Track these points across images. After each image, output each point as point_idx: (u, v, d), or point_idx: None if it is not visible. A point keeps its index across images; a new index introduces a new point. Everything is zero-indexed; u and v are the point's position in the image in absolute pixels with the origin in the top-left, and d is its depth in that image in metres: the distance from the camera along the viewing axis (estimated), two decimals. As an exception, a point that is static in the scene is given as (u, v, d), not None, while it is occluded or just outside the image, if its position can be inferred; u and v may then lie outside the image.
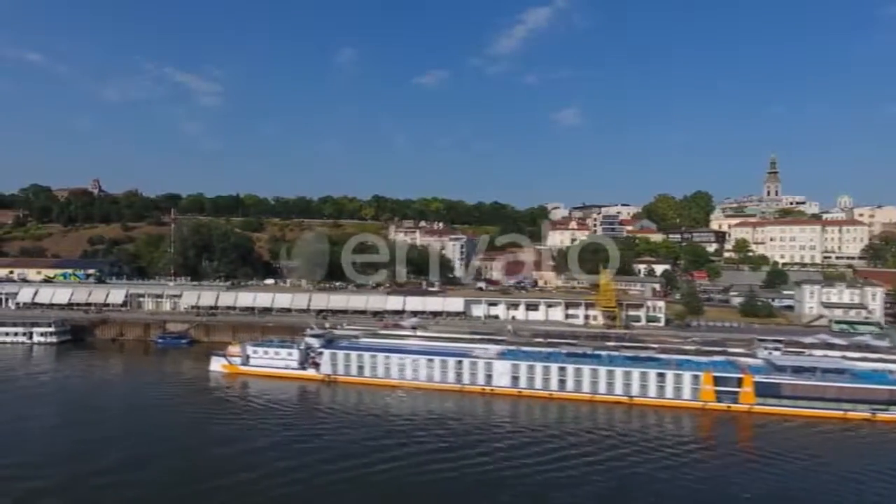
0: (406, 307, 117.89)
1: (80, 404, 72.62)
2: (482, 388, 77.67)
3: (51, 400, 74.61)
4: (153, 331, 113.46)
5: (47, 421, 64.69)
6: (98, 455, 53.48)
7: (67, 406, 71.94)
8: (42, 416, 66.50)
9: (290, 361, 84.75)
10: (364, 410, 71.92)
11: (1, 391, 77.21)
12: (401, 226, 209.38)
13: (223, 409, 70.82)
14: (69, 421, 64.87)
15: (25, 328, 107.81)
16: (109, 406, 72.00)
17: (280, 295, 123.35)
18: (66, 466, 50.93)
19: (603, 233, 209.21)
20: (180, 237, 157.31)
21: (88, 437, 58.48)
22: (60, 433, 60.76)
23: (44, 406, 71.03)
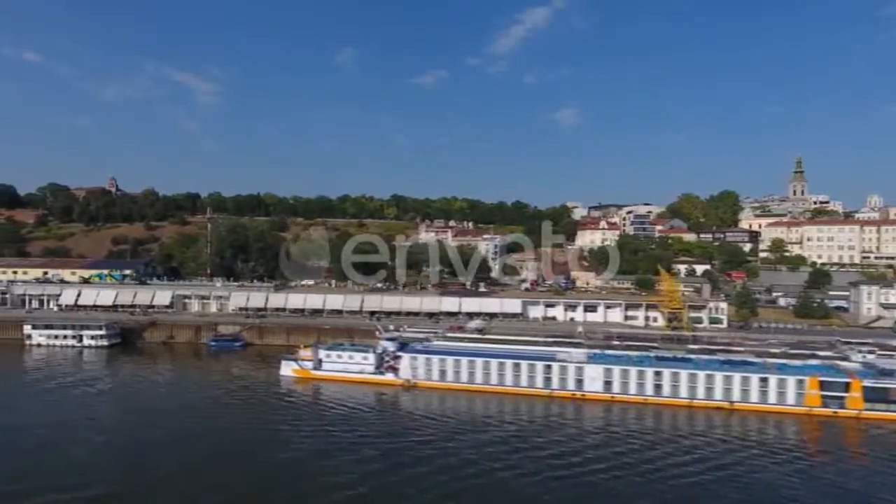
0: (462, 308, 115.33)
1: (150, 413, 68.25)
2: (572, 393, 75.15)
3: (118, 408, 70.94)
4: (204, 333, 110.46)
5: (120, 430, 61.12)
6: (185, 470, 50.52)
7: (137, 415, 67.63)
8: (115, 425, 63.26)
9: (366, 366, 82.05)
10: (456, 417, 69.28)
11: (63, 397, 74.41)
12: (431, 226, 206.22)
13: (303, 417, 67.78)
14: (140, 432, 60.71)
15: (75, 331, 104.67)
16: (179, 414, 67.91)
17: (331, 296, 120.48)
18: (153, 483, 48.25)
19: (634, 232, 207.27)
20: (217, 237, 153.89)
21: (169, 450, 55.25)
22: (136, 445, 56.98)
23: (113, 413, 68.30)
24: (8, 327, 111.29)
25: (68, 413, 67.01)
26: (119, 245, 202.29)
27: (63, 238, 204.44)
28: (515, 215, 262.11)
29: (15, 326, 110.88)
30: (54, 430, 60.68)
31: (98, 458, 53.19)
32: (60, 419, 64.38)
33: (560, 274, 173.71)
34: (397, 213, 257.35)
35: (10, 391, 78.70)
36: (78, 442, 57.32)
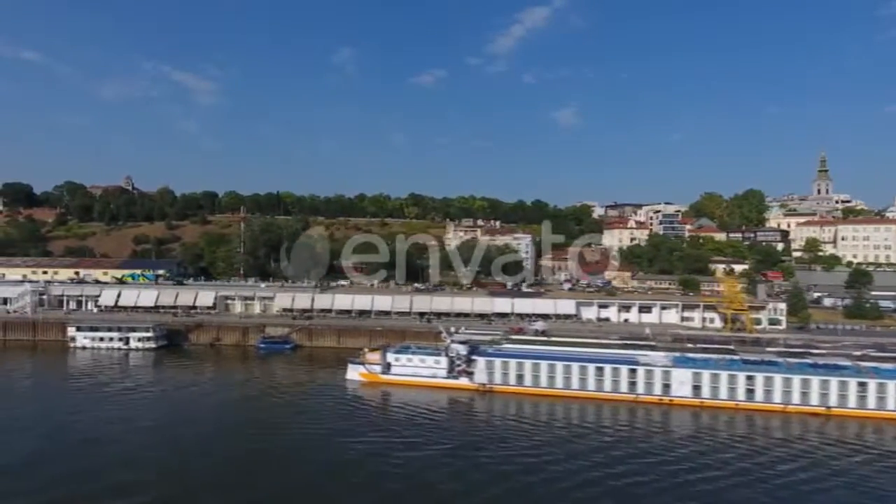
0: (514, 310, 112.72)
1: (215, 423, 64.43)
2: (659, 397, 72.60)
3: (178, 416, 66.32)
4: (251, 335, 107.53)
5: (186, 442, 57.10)
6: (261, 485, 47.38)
7: (200, 424, 63.37)
8: (178, 435, 59.18)
9: (438, 369, 79.28)
10: (542, 424, 66.56)
11: (119, 402, 71.23)
12: (459, 225, 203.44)
13: (381, 425, 64.43)
14: (210, 444, 56.56)
15: (122, 333, 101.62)
16: (248, 424, 63.96)
17: (380, 297, 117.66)
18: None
19: (663, 232, 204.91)
20: (251, 236, 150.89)
21: (242, 466, 51.58)
22: (206, 458, 53.01)
23: (174, 421, 63.83)
24: (49, 329, 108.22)
25: (125, 419, 63.76)
26: (141, 244, 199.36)
27: (84, 237, 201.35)
28: (536, 214, 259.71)
29: (57, 328, 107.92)
30: (110, 435, 57.91)
31: (171, 474, 49.27)
32: (115, 425, 61.38)
33: (593, 273, 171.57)
34: (418, 213, 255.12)
35: (59, 396, 74.67)
36: (144, 448, 54.83)
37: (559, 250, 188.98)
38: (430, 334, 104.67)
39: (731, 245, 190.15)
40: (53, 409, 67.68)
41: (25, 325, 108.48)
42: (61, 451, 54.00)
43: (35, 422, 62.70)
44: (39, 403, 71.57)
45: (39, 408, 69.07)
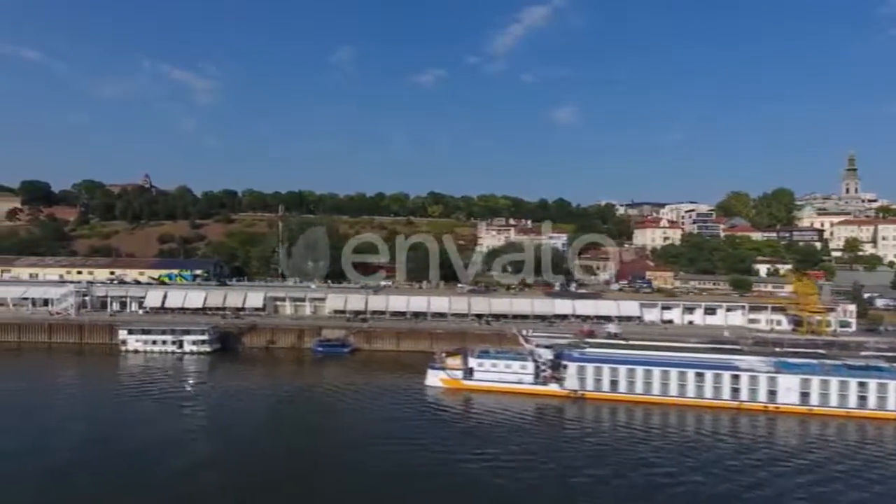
0: (576, 311, 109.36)
1: (293, 431, 61.26)
2: (764, 405, 69.40)
3: (256, 427, 62.73)
4: (307, 338, 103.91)
5: (270, 457, 53.48)
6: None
7: (277, 436, 59.62)
8: (258, 449, 55.70)
9: (525, 375, 75.89)
10: (650, 433, 63.34)
11: (181, 412, 67.45)
12: (491, 224, 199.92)
13: (475, 434, 61.13)
14: (292, 461, 52.88)
15: (176, 336, 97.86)
16: (331, 433, 61.13)
17: (436, 298, 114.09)
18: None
19: (697, 231, 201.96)
20: (289, 236, 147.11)
21: (333, 478, 48.83)
22: (286, 476, 49.65)
23: (249, 435, 59.98)
24: (97, 331, 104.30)
25: (191, 430, 61.14)
26: (166, 244, 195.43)
27: (107, 236, 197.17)
28: (560, 213, 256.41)
29: (105, 330, 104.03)
30: (177, 449, 54.60)
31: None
32: (182, 436, 58.43)
33: (634, 273, 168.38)
34: (442, 211, 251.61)
35: (118, 403, 70.55)
36: (216, 468, 51.15)
37: (594, 249, 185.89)
38: (492, 337, 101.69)
39: (769, 245, 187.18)
40: (115, 419, 64.48)
41: (71, 327, 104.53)
42: (130, 465, 51.05)
43: (101, 431, 59.80)
44: (98, 411, 67.83)
45: (100, 415, 65.89)
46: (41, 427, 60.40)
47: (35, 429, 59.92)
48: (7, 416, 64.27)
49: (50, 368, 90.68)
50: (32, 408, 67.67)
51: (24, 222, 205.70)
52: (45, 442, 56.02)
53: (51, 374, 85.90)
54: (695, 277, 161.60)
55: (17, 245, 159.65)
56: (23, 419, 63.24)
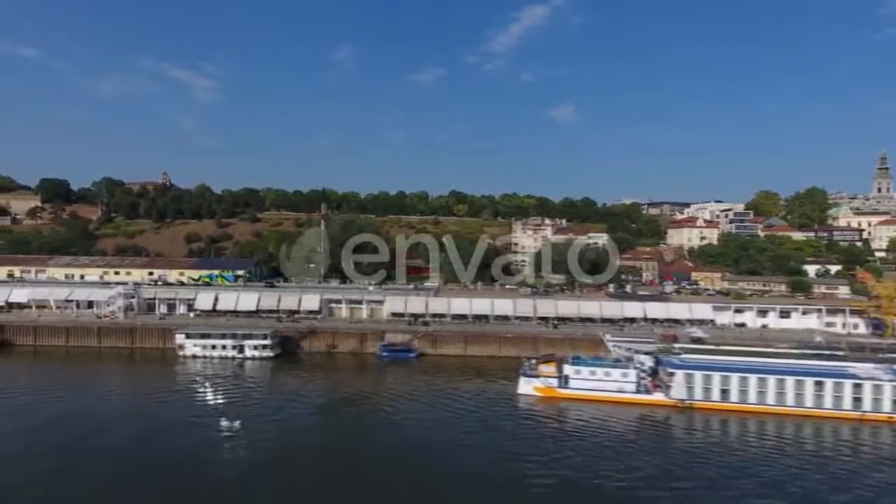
0: (647, 314, 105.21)
1: (394, 449, 56.52)
2: (889, 415, 65.48)
3: (340, 441, 58.22)
4: (370, 342, 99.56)
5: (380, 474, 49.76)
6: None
7: (371, 450, 55.53)
8: (356, 466, 51.43)
9: (626, 383, 71.74)
10: (768, 444, 59.69)
11: (278, 426, 62.77)
12: (527, 224, 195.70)
13: (586, 451, 56.68)
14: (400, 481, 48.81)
15: (236, 340, 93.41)
16: (428, 445, 57.36)
17: (500, 301, 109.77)
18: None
19: (735, 231, 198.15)
20: (331, 235, 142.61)
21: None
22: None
23: (339, 450, 55.62)
24: (150, 335, 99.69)
25: (278, 442, 56.86)
26: (192, 243, 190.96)
27: (132, 235, 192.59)
28: (587, 212, 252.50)
29: (157, 334, 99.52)
30: (273, 474, 49.97)
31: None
32: (274, 457, 53.59)
33: (675, 273, 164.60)
34: (468, 211, 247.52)
35: (185, 414, 65.80)
36: (306, 478, 48.21)
37: (633, 250, 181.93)
38: (564, 341, 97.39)
39: (811, 245, 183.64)
40: (186, 429, 60.55)
41: (122, 331, 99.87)
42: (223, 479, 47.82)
43: (178, 442, 56.21)
44: (169, 421, 63.49)
45: (173, 426, 61.73)
46: (126, 438, 56.28)
47: (119, 441, 55.78)
48: (98, 426, 59.91)
49: (109, 376, 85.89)
50: (107, 419, 63.28)
51: (46, 221, 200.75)
52: (132, 456, 52.32)
53: (112, 382, 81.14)
54: (743, 278, 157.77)
55: (47, 244, 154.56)
56: (103, 430, 59.05)
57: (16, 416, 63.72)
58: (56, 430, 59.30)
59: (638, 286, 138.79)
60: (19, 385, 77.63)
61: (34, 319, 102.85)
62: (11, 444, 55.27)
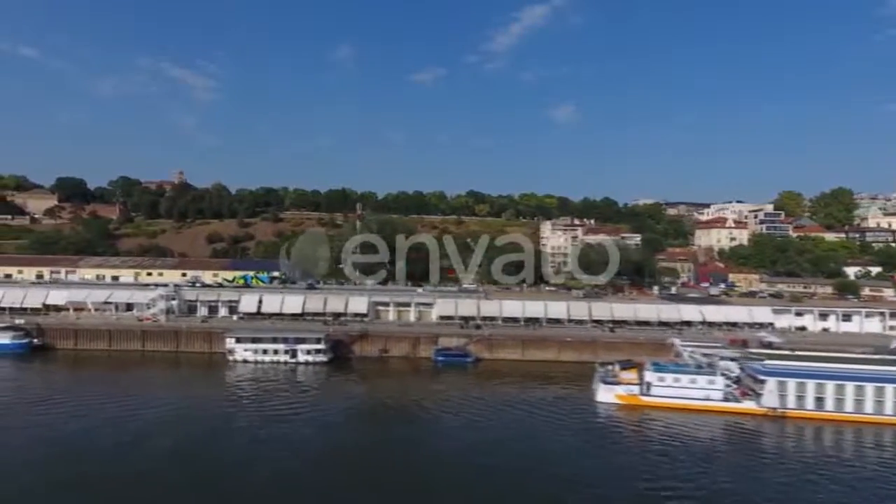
0: (705, 318, 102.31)
1: (461, 451, 55.09)
2: None
3: (415, 457, 54.37)
4: (422, 346, 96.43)
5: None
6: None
7: (448, 468, 51.95)
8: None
9: (712, 391, 68.78)
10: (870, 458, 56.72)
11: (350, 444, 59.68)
12: (556, 223, 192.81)
13: (681, 462, 53.91)
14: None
15: (289, 345, 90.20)
16: (501, 451, 55.13)
17: (553, 303, 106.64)
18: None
19: (766, 231, 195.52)
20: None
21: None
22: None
23: (420, 467, 52.01)
24: (195, 339, 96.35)
25: (351, 453, 54.29)
26: (214, 243, 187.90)
27: (153, 235, 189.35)
28: (608, 212, 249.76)
29: (204, 338, 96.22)
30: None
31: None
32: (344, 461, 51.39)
33: (710, 274, 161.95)
34: (492, 210, 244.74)
35: (242, 425, 62.26)
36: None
37: (663, 251, 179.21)
38: (624, 345, 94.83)
39: (844, 245, 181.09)
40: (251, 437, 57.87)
41: (167, 334, 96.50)
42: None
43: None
44: (232, 429, 60.41)
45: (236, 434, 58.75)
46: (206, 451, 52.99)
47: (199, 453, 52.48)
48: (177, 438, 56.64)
49: (157, 381, 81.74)
50: (161, 426, 59.86)
51: (66, 220, 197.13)
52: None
53: (160, 388, 76.59)
54: (781, 280, 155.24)
55: (73, 245, 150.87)
56: (179, 441, 55.67)
57: (65, 423, 60.51)
58: (112, 435, 56.63)
59: (677, 288, 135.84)
60: (64, 390, 73.50)
61: (74, 322, 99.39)
62: (63, 453, 52.39)
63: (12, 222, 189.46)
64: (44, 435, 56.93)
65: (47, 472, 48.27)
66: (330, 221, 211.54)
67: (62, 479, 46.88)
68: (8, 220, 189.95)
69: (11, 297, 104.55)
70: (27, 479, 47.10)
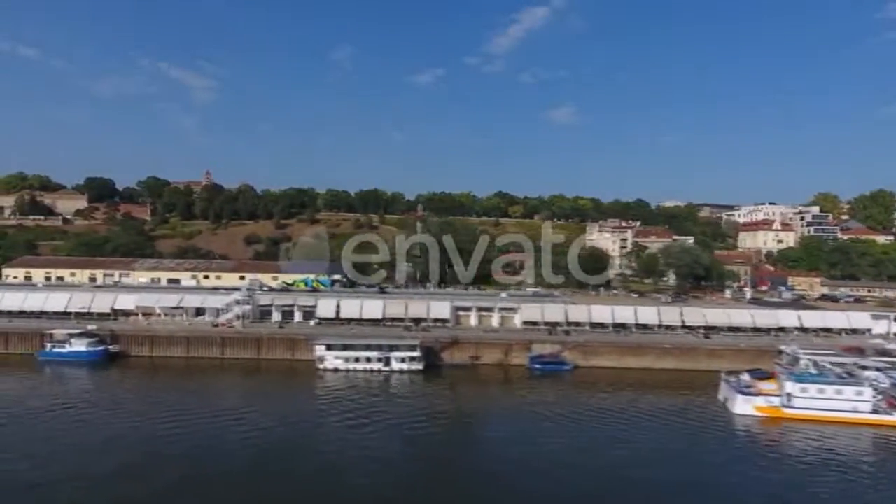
0: (802, 323, 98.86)
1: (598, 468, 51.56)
2: None
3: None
4: (515, 353, 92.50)
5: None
6: None
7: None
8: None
9: (860, 402, 65.19)
10: None
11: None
12: (604, 225, 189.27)
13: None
14: None
15: (382, 352, 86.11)
16: (638, 466, 52.14)
17: (643, 308, 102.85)
18: None
19: (813, 233, 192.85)
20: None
21: None
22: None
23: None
24: (277, 346, 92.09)
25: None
26: (252, 244, 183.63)
27: (190, 236, 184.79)
28: (642, 214, 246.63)
29: (286, 345, 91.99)
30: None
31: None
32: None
33: (769, 278, 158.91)
34: (525, 211, 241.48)
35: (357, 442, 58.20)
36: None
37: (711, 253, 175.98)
38: (726, 352, 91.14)
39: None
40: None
41: (248, 341, 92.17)
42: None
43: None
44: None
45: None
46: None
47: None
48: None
49: (246, 391, 77.37)
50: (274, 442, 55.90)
51: (98, 221, 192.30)
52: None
53: (252, 398, 72.03)
54: (844, 283, 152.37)
55: (123, 246, 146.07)
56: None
57: (182, 439, 56.41)
58: (253, 455, 52.26)
59: (754, 293, 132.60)
60: (165, 402, 68.94)
61: (149, 328, 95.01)
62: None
63: (45, 223, 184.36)
64: (177, 453, 52.88)
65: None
66: (367, 222, 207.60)
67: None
68: (41, 220, 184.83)
69: (78, 301, 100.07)
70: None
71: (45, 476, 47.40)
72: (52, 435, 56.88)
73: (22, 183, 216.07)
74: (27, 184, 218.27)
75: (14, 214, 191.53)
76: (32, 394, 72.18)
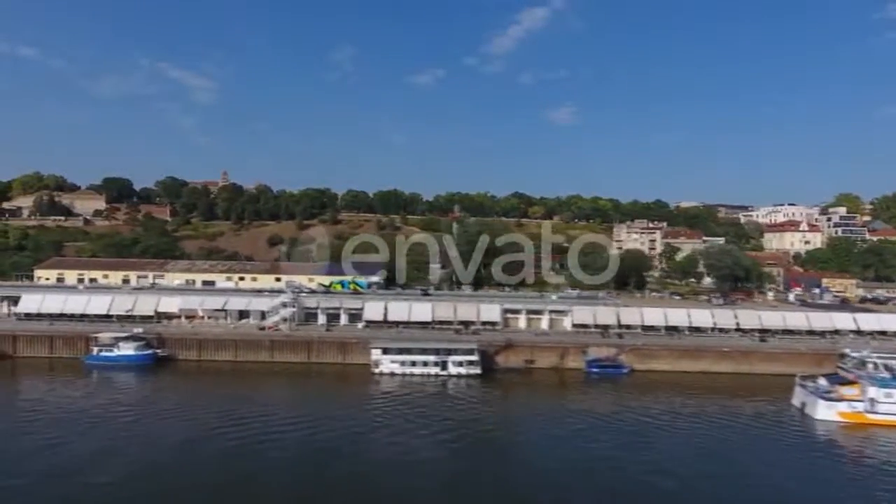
0: (859, 326, 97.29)
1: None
2: None
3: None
4: (570, 357, 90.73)
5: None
6: None
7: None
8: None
9: (951, 409, 63.55)
10: None
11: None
12: (632, 226, 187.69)
13: None
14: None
15: (440, 356, 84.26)
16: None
17: (696, 311, 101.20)
18: None
19: (841, 234, 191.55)
20: (466, 239, 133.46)
21: None
22: None
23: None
24: (328, 349, 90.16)
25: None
26: (275, 245, 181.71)
27: (213, 237, 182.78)
28: (662, 214, 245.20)
29: (337, 348, 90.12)
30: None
31: None
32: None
33: (803, 280, 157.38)
34: (546, 212, 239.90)
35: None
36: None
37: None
38: (784, 356, 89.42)
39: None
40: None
41: (298, 344, 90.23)
42: None
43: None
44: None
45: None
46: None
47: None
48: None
49: (301, 396, 75.24)
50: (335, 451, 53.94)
51: (119, 222, 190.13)
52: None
53: (311, 405, 69.95)
54: (879, 285, 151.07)
55: (153, 247, 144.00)
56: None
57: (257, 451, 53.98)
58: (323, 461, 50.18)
59: (795, 295, 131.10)
60: (233, 415, 66.47)
61: (195, 332, 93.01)
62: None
63: (66, 223, 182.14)
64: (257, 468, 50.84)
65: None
66: (389, 223, 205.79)
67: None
68: (61, 221, 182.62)
69: (121, 303, 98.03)
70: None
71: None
72: (120, 445, 54.71)
73: (38, 183, 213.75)
74: (43, 184, 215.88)
75: (34, 215, 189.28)
76: (90, 401, 69.86)
